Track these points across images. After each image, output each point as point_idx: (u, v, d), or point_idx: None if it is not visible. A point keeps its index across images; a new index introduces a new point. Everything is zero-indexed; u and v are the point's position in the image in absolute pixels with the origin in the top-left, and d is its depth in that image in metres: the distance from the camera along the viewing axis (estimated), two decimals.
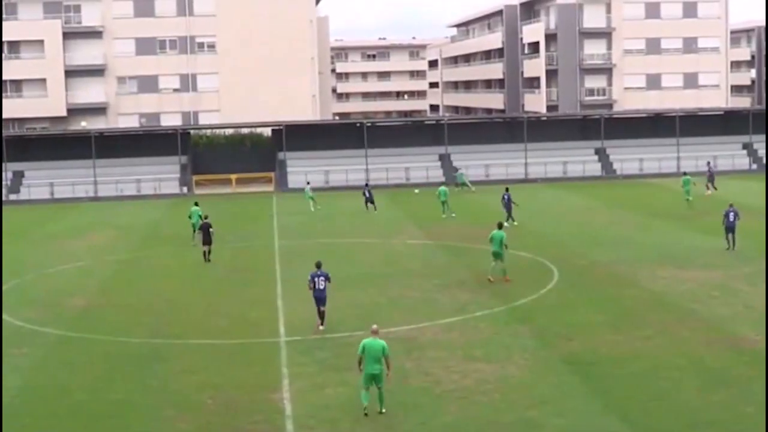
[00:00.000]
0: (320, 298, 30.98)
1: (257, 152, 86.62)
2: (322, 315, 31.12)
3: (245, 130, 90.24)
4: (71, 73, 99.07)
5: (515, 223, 52.74)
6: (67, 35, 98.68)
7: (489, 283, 37.56)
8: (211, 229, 45.73)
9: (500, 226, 38.96)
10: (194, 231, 50.12)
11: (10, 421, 23.17)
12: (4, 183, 79.28)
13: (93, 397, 24.95)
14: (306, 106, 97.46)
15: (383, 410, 22.71)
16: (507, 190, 56.53)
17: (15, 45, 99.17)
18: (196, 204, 52.50)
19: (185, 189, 79.94)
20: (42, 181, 79.81)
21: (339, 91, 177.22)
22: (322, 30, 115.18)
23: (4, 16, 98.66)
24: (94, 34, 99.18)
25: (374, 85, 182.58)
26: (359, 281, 38.90)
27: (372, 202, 63.02)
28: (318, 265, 31.28)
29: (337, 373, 25.81)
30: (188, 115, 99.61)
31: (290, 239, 51.61)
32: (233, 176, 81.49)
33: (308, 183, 69.97)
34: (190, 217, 51.29)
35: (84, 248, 51.44)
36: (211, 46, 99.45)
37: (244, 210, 66.83)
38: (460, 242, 48.49)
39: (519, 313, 32.56)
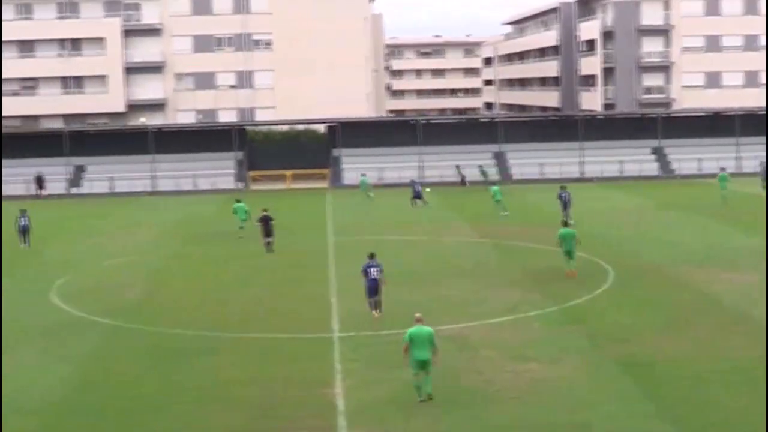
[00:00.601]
0: (373, 288, 31.97)
1: (312, 149, 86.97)
2: (377, 304, 32.11)
3: (300, 127, 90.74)
4: (131, 69, 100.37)
5: (572, 222, 52.53)
6: (127, 33, 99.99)
7: (570, 279, 37.78)
8: (271, 221, 46.98)
9: (565, 224, 39.78)
10: (241, 227, 51.71)
11: (62, 410, 23.65)
12: (65, 177, 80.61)
13: (143, 388, 25.33)
14: (360, 103, 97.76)
15: (431, 394, 23.12)
16: (564, 188, 56.41)
17: (77, 42, 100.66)
18: (239, 201, 53.65)
19: (241, 184, 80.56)
20: (102, 175, 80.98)
21: (393, 88, 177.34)
22: (377, 27, 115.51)
23: (66, 14, 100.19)
24: (153, 31, 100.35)
25: (428, 83, 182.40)
26: (412, 278, 38.98)
27: (419, 198, 63.61)
28: (371, 256, 32.60)
29: (389, 370, 25.91)
30: (244, 112, 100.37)
31: (344, 235, 51.83)
32: (288, 172, 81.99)
33: (363, 174, 70.74)
34: (235, 213, 52.51)
35: (141, 241, 52.10)
36: (267, 44, 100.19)
37: (299, 206, 67.19)
38: (513, 241, 48.44)
39: (572, 313, 32.49)
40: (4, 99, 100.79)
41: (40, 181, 78.63)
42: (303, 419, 22.60)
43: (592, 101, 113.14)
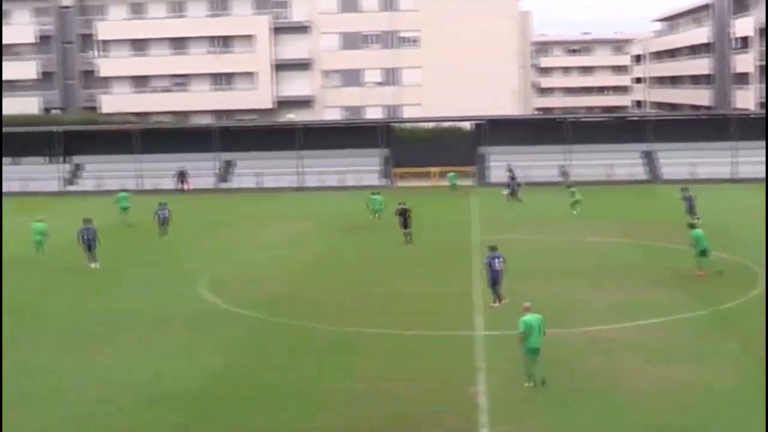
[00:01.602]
0: (497, 279, 33.35)
1: (458, 146, 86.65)
2: (499, 295, 33.40)
3: (446, 124, 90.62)
4: (279, 66, 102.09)
5: (700, 220, 52.07)
6: (276, 30, 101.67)
7: (696, 280, 37.32)
8: (408, 213, 49.03)
9: (693, 226, 40.04)
10: (372, 216, 55.93)
11: (203, 400, 24.15)
12: (214, 172, 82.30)
13: (285, 380, 25.66)
14: (507, 101, 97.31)
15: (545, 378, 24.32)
16: (687, 189, 55.85)
17: (227, 40, 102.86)
18: (378, 193, 56.72)
19: (386, 181, 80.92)
20: (250, 170, 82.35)
21: (541, 86, 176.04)
22: (525, 24, 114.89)
23: (217, 12, 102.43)
24: (302, 29, 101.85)
25: (576, 80, 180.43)
26: (555, 278, 38.69)
27: (513, 193, 65.20)
28: (493, 248, 34.32)
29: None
30: (390, 109, 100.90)
31: (488, 233, 51.46)
32: (434, 169, 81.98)
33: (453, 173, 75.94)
34: (368, 205, 55.97)
35: (286, 236, 52.81)
36: (414, 41, 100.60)
37: (444, 203, 67.17)
38: (660, 242, 47.50)
39: (722, 317, 31.66)
40: (156, 95, 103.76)
41: (182, 176, 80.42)
42: (445, 417, 22.58)
43: (745, 100, 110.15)
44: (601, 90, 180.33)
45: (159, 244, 50.13)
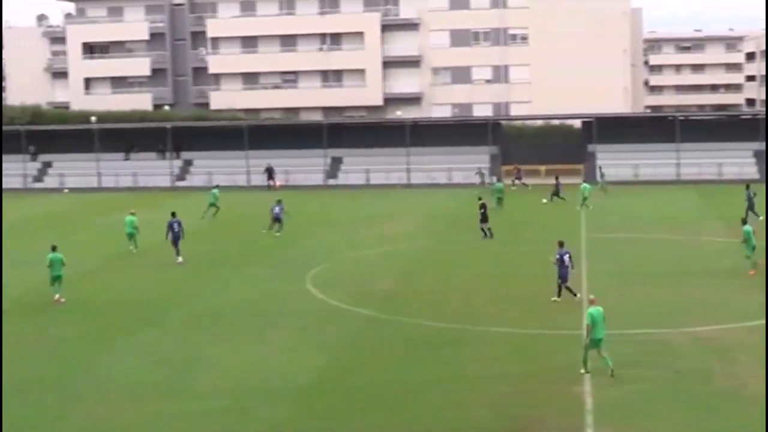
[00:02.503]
0: (566, 276, 33.89)
1: (567, 144, 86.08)
2: (563, 290, 33.96)
3: (555, 122, 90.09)
4: (388, 64, 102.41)
5: (761, 218, 51.89)
6: (385, 27, 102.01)
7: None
8: (486, 208, 50.14)
9: (745, 222, 40.35)
10: (497, 204, 59.08)
11: (312, 396, 24.40)
12: (323, 168, 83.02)
13: (393, 378, 25.80)
14: (617, 99, 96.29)
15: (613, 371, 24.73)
16: (749, 188, 55.25)
17: (337, 37, 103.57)
18: (500, 181, 60.25)
19: (494, 179, 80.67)
20: (358, 167, 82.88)
21: (651, 83, 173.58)
22: (636, 21, 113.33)
23: (327, 9, 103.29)
24: (411, 26, 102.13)
25: (688, 78, 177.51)
26: (665, 278, 38.31)
27: (556, 195, 65.21)
28: (562, 244, 34.69)
29: (638, 369, 25.55)
30: (499, 106, 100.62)
31: (597, 232, 51.17)
32: (542, 167, 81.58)
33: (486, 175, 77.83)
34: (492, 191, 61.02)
35: (394, 233, 53.06)
36: (524, 38, 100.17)
37: (552, 201, 66.75)
38: None
39: None
40: (266, 92, 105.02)
41: (270, 173, 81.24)
42: (549, 417, 22.55)
43: None
44: (713, 88, 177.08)
45: (267, 240, 50.80)
